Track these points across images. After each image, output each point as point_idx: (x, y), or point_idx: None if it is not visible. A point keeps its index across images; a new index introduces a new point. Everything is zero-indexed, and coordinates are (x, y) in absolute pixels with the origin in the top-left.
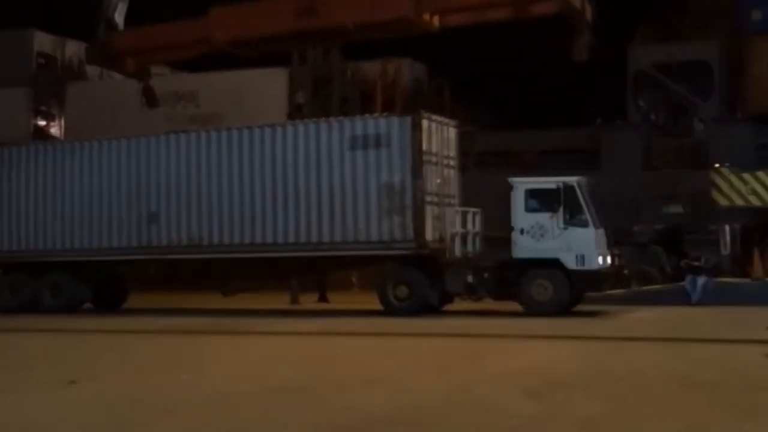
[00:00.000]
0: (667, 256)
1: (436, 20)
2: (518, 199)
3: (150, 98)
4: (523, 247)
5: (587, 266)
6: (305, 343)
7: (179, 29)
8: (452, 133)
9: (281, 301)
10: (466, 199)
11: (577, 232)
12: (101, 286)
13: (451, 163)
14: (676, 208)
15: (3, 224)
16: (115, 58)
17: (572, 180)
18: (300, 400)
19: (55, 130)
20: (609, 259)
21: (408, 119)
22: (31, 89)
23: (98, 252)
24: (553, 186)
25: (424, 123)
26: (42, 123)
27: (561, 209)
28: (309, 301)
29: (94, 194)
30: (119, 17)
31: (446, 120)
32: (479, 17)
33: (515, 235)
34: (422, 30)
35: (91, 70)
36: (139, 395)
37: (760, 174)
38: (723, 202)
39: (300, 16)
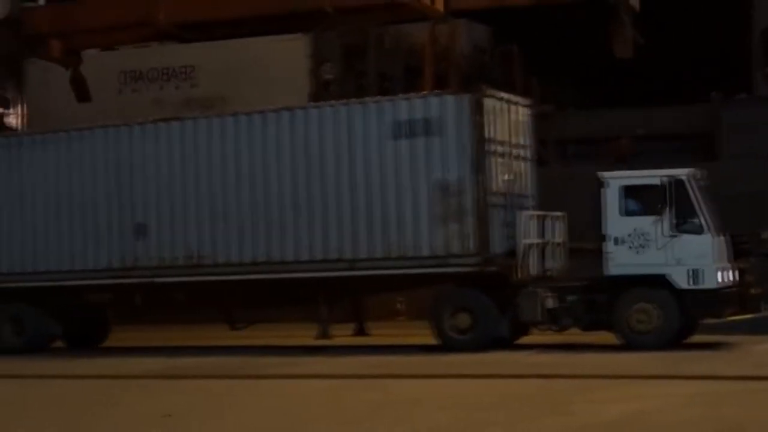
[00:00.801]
0: None
1: (440, 4)
2: (612, 200)
3: (80, 91)
4: (619, 261)
5: (703, 284)
6: (339, 389)
7: (115, 9)
8: (525, 115)
9: (307, 335)
10: (545, 201)
11: (690, 240)
12: (74, 318)
13: (524, 153)
14: None
15: None
16: (34, 40)
17: (682, 173)
18: None
19: (12, 119)
20: (732, 275)
21: (466, 98)
22: None
23: (69, 276)
24: (656, 181)
25: (488, 103)
26: None
27: (668, 211)
28: (342, 334)
29: (63, 201)
30: None
31: (517, 98)
32: (497, 3)
33: (608, 246)
34: (423, 16)
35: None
36: None
37: None
38: None
39: None
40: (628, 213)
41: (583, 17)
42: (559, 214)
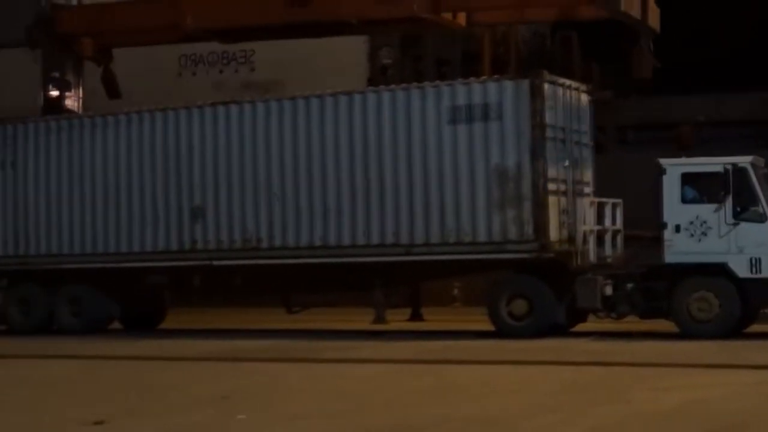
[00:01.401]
0: None
1: (461, 18)
2: (672, 187)
3: (110, 88)
4: (679, 249)
5: (765, 273)
6: (396, 374)
7: (144, 11)
8: (584, 100)
9: (363, 320)
10: (604, 187)
11: (751, 228)
12: (132, 300)
13: (584, 139)
14: None
15: (6, 222)
16: (67, 38)
17: (744, 160)
18: None
19: (71, 101)
20: None
21: (525, 83)
22: (40, 50)
23: (127, 258)
24: (718, 168)
25: (547, 88)
26: (54, 93)
27: (729, 199)
28: (398, 319)
29: (122, 183)
30: None
31: (576, 84)
32: (517, 17)
33: (668, 234)
34: (444, 29)
35: None
36: None
37: None
38: None
39: (290, 6)
40: (689, 201)
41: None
42: (617, 201)
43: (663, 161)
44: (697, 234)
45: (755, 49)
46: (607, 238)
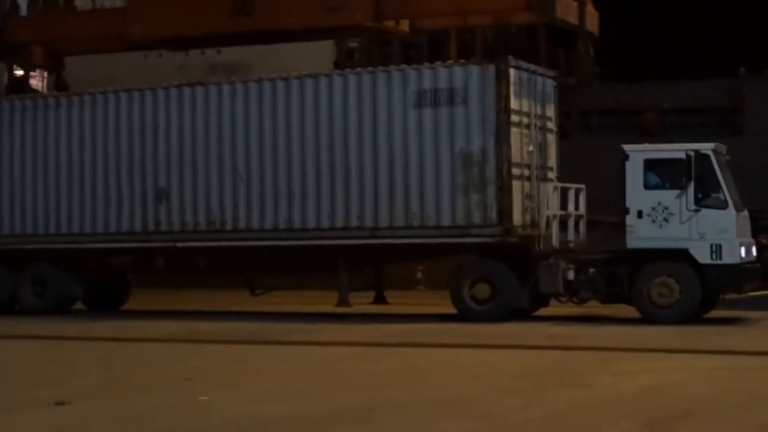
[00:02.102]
0: None
1: (405, 25)
2: (635, 173)
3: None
4: (642, 234)
5: (725, 260)
6: (357, 356)
7: (93, 20)
8: (549, 86)
9: (326, 303)
10: (568, 173)
11: (713, 215)
12: (95, 281)
13: (548, 125)
14: None
15: None
16: (16, 47)
17: (707, 147)
18: (350, 430)
19: (36, 81)
20: (754, 251)
21: (491, 68)
22: None
23: (91, 238)
24: (681, 155)
25: (512, 73)
26: (19, 73)
27: (691, 185)
28: (362, 302)
29: (86, 164)
30: None
31: (541, 70)
32: (459, 22)
33: (631, 220)
34: (389, 36)
35: (83, 3)
36: (143, 420)
37: None
38: None
39: (236, 15)
40: (652, 187)
41: None
42: (580, 186)
43: (626, 147)
44: (659, 220)
45: (720, 37)
46: (570, 223)
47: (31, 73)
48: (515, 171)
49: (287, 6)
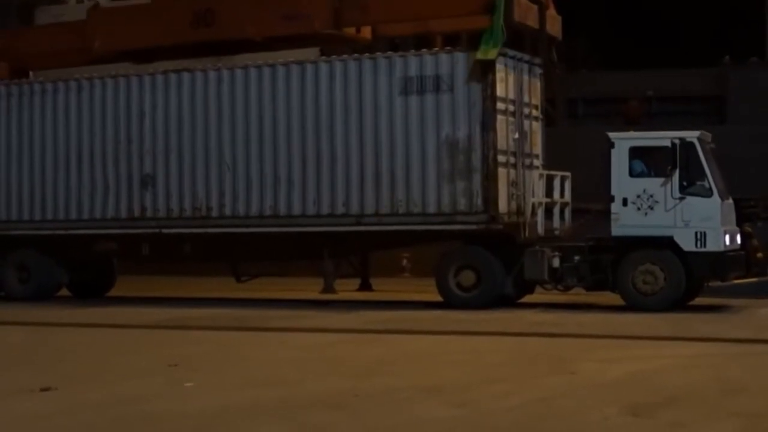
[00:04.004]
0: None
1: (366, 32)
2: (620, 160)
3: None
4: (626, 222)
5: (710, 247)
6: (342, 343)
7: (55, 35)
8: (536, 74)
9: (311, 289)
10: (553, 160)
11: (698, 203)
12: (80, 268)
13: (534, 113)
14: None
15: None
16: None
17: (692, 135)
18: (334, 415)
19: None
20: (738, 239)
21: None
22: None
23: (76, 225)
24: (666, 143)
25: (498, 60)
26: None
27: (676, 173)
28: (347, 289)
29: (72, 150)
30: None
31: (527, 57)
32: (421, 29)
33: (616, 207)
34: (350, 44)
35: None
36: (129, 406)
37: None
38: None
39: (196, 26)
40: (637, 174)
41: None
42: (566, 173)
43: (612, 135)
44: (644, 207)
45: (705, 25)
46: (556, 210)
47: None
48: (501, 158)
49: (246, 16)
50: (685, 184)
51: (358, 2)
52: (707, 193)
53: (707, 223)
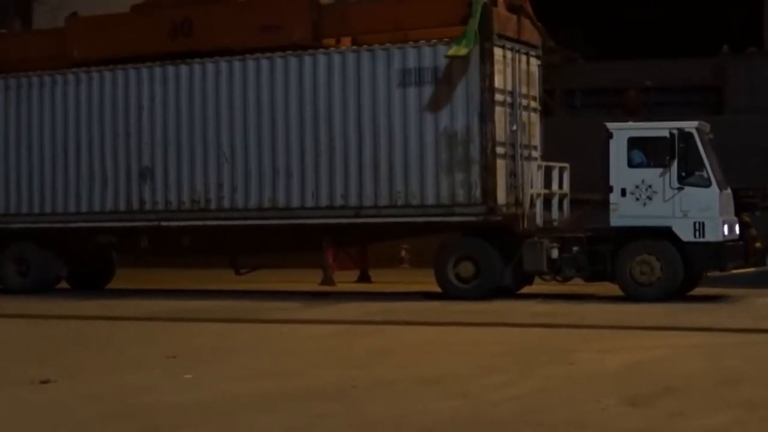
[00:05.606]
0: None
1: (346, 43)
2: (619, 151)
3: None
4: (625, 212)
5: (708, 237)
6: (341, 334)
7: (33, 42)
8: (534, 64)
9: (310, 281)
10: (551, 151)
11: (696, 193)
12: (79, 260)
13: (532, 104)
14: None
15: None
16: None
17: (690, 125)
18: (333, 406)
19: None
20: (737, 229)
21: (475, 47)
22: None
23: (75, 218)
24: (664, 133)
25: (497, 51)
26: None
27: (675, 164)
28: (346, 280)
29: (70, 143)
30: None
31: (525, 48)
32: (401, 37)
33: (614, 198)
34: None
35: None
36: (129, 398)
37: None
38: None
39: (174, 35)
40: (635, 165)
41: None
42: (564, 164)
43: (610, 125)
44: (642, 198)
45: (703, 15)
46: (554, 201)
47: None
48: (499, 150)
49: (223, 27)
50: (683, 174)
51: (337, 13)
52: (706, 183)
53: (706, 213)
